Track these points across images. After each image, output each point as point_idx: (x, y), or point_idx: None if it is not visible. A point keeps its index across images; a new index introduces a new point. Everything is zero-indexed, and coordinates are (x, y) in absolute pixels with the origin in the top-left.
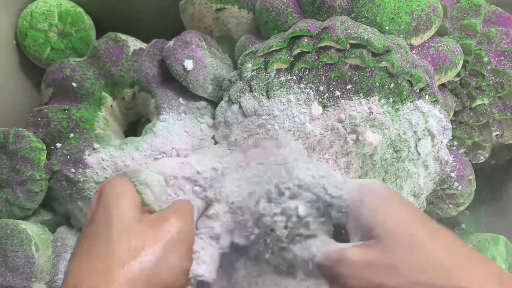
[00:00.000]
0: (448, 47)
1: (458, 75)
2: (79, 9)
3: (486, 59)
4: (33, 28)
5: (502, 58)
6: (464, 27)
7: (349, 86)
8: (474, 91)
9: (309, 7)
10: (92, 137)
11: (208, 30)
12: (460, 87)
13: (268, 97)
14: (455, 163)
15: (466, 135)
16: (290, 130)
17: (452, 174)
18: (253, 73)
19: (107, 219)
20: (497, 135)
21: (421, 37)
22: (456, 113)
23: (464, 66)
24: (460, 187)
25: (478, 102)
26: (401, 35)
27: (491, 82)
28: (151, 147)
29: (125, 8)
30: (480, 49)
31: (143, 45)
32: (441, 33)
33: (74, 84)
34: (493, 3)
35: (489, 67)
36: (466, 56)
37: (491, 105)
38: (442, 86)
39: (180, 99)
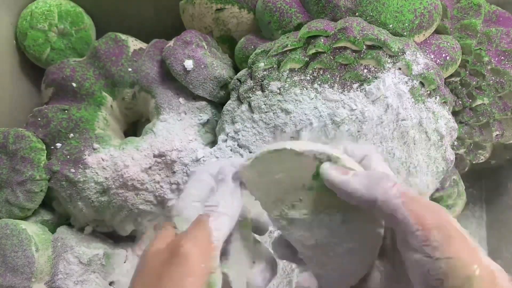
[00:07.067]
0: (448, 44)
1: (458, 75)
2: (79, 9)
3: (486, 59)
4: (33, 28)
5: (502, 58)
6: (464, 27)
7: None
8: (474, 91)
9: (314, 6)
10: (92, 137)
11: (208, 30)
12: (460, 87)
13: (280, 97)
14: None
15: (466, 135)
16: (303, 129)
17: None
18: (265, 73)
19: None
20: (497, 135)
21: (424, 34)
22: (456, 113)
23: (464, 66)
24: (444, 189)
25: (479, 102)
26: (404, 33)
27: (491, 82)
28: (151, 147)
29: (125, 8)
30: (480, 49)
31: (143, 45)
32: (441, 33)
33: (74, 84)
34: (494, 3)
35: (489, 67)
36: (466, 56)
37: (491, 105)
38: None
39: (180, 99)
